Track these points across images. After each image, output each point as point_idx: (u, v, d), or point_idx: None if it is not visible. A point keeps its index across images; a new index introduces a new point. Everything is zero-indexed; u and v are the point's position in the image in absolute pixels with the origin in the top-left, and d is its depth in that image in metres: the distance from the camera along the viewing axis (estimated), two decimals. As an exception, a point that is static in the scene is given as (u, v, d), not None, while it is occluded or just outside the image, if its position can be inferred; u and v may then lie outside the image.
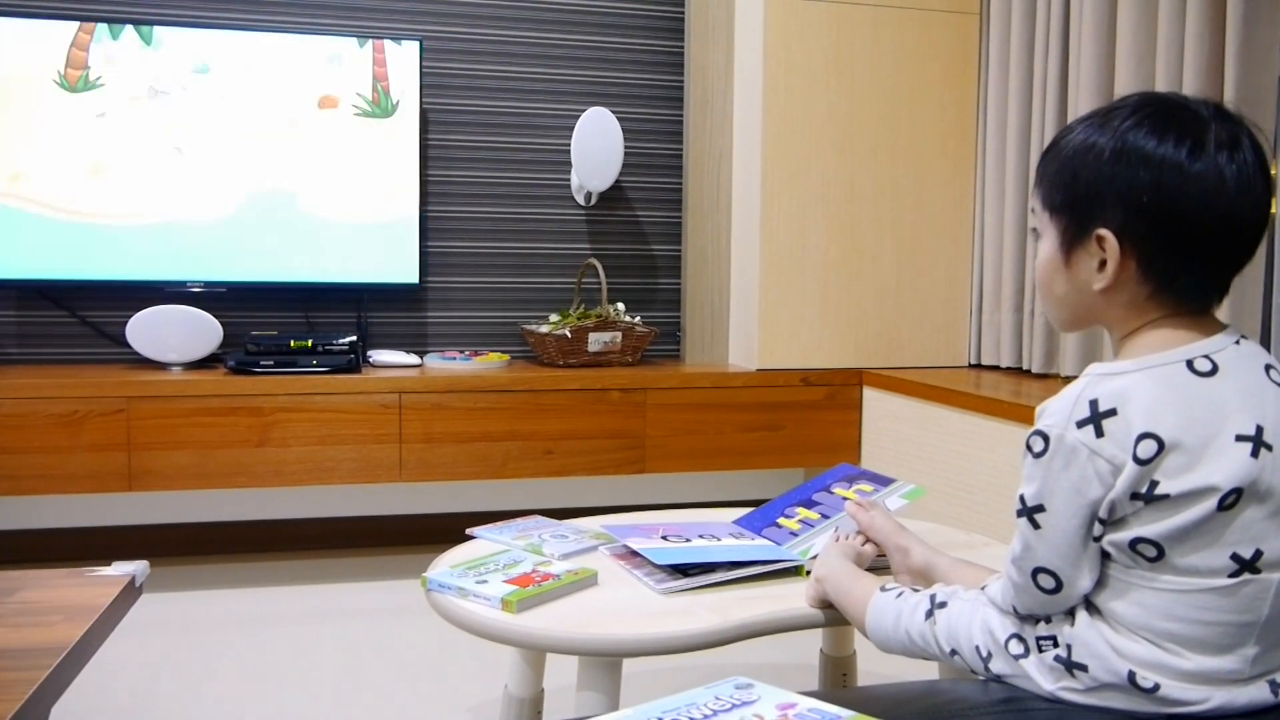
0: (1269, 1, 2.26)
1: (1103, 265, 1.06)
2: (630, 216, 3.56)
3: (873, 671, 2.11)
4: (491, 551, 1.66)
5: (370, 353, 3.18)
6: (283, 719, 2.11)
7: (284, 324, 3.26)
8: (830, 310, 3.15)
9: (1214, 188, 1.01)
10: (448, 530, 2.84)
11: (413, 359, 3.15)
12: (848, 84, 3.12)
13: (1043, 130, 2.87)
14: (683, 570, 1.53)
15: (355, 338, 3.06)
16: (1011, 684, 1.11)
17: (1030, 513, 1.05)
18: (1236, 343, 1.06)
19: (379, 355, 3.14)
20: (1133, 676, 1.02)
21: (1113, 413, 1.01)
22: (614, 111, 3.32)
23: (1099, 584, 1.05)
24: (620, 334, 3.16)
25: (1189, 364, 1.03)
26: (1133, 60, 2.52)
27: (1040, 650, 1.08)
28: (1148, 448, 0.99)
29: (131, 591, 1.22)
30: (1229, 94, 2.26)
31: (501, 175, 3.43)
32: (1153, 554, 1.01)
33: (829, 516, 1.67)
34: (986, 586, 1.18)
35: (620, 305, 3.28)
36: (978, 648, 1.14)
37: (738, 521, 1.77)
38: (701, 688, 1.00)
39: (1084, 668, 1.05)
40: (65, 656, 0.99)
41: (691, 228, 3.53)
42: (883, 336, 3.20)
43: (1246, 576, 1.00)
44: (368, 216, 3.17)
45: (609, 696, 1.40)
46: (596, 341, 3.13)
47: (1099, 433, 1.00)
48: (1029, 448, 1.05)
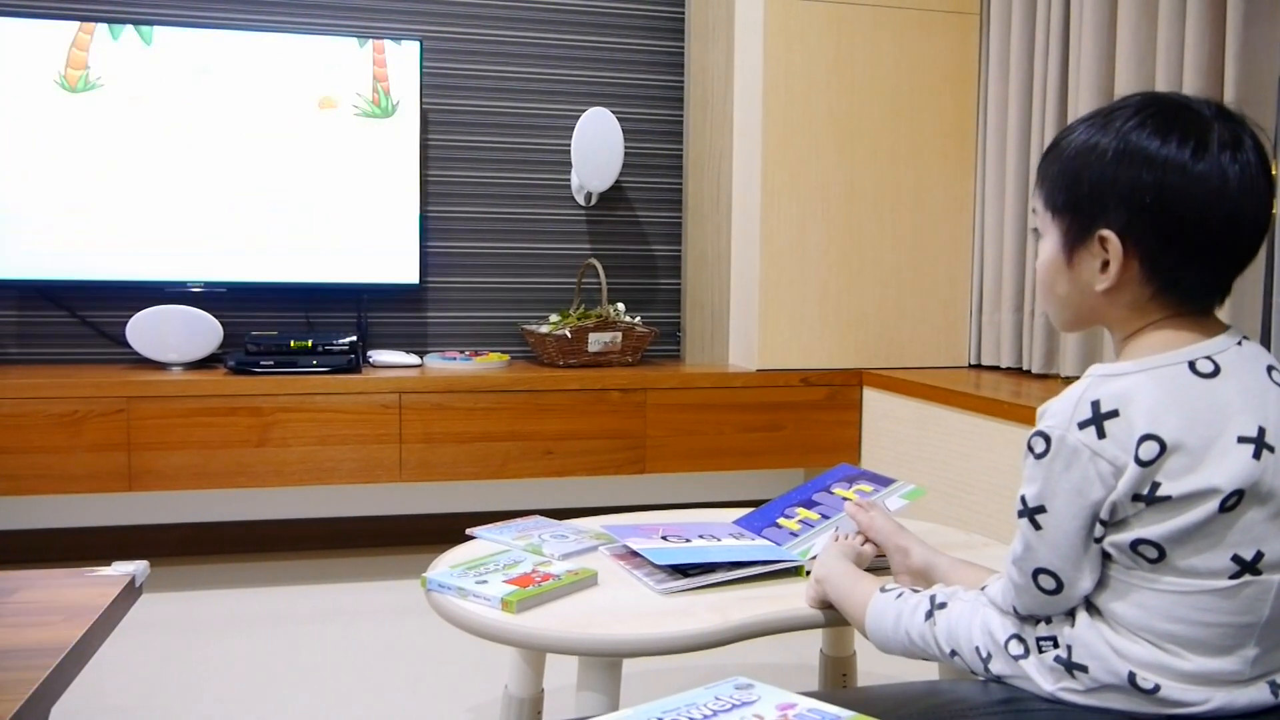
0: (1269, 1, 2.26)
1: (1105, 266, 1.06)
2: (630, 217, 3.55)
3: (873, 672, 2.11)
4: (491, 552, 1.66)
5: (370, 353, 3.18)
6: (283, 719, 2.11)
7: (284, 324, 3.26)
8: (830, 310, 3.15)
9: (1217, 188, 1.01)
10: (448, 530, 2.84)
11: (413, 359, 3.15)
12: (848, 84, 3.12)
13: (1043, 131, 2.87)
14: (683, 570, 1.53)
15: (355, 338, 3.06)
16: (1011, 685, 1.11)
17: (1031, 513, 1.05)
18: (1239, 344, 1.06)
19: (379, 355, 3.14)
20: (1133, 677, 1.02)
21: (1114, 414, 1.00)
22: (614, 112, 3.32)
23: (1099, 585, 1.05)
24: (620, 334, 3.16)
25: (1191, 365, 1.03)
26: (1133, 61, 2.52)
27: (1040, 651, 1.08)
28: (1149, 449, 0.99)
29: (131, 591, 1.22)
30: (1229, 94, 2.26)
31: (501, 175, 3.43)
32: (1154, 555, 1.01)
33: (829, 517, 1.67)
34: (986, 587, 1.18)
35: (620, 305, 3.28)
36: (977, 648, 1.14)
37: (738, 522, 1.77)
38: (701, 688, 1.00)
39: (1084, 668, 1.05)
40: (65, 656, 0.99)
41: (691, 228, 3.53)
42: (883, 337, 3.20)
43: (1247, 578, 1.00)
44: (368, 216, 3.17)
45: (609, 696, 1.40)
46: (596, 342, 3.13)
47: (1101, 434, 1.00)
48: (1030, 449, 1.05)
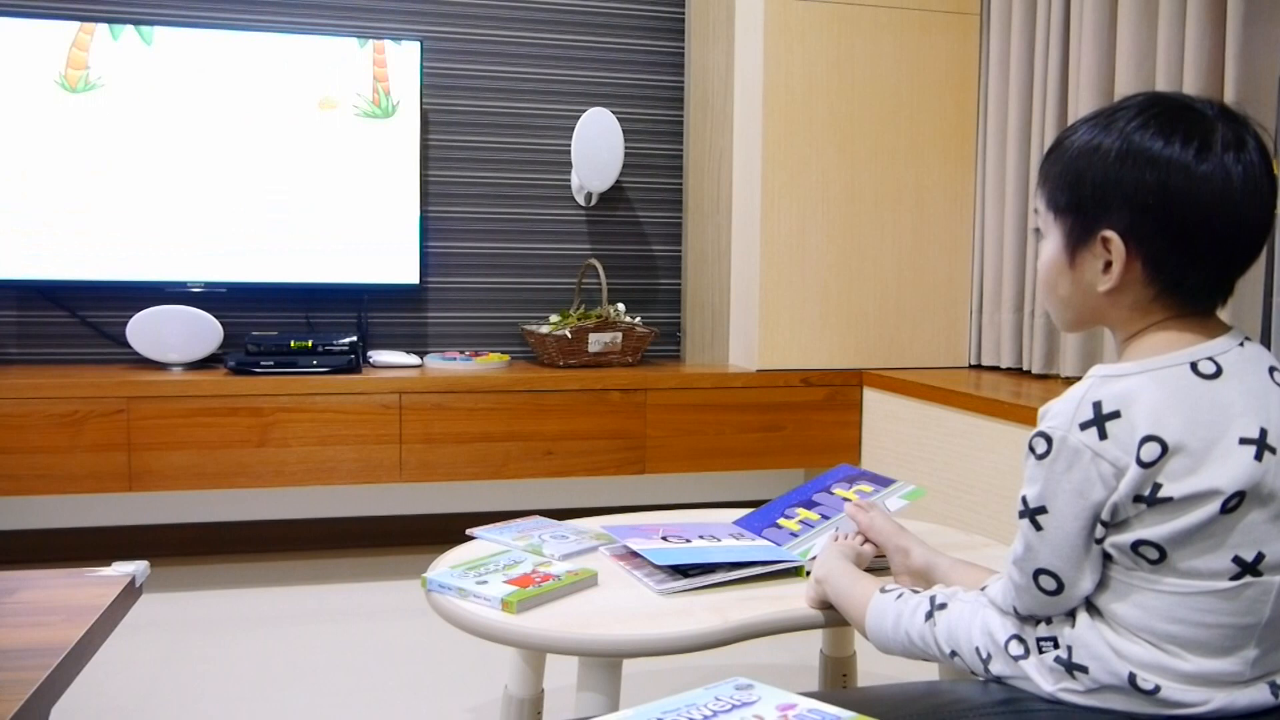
0: (1269, 1, 2.26)
1: (1108, 267, 1.05)
2: (630, 217, 3.55)
3: (873, 672, 2.11)
4: (491, 552, 1.66)
5: (370, 353, 3.18)
6: (282, 719, 2.11)
7: (284, 324, 3.26)
8: (830, 311, 3.15)
9: (1221, 189, 1.00)
10: (448, 530, 2.85)
11: (413, 359, 3.15)
12: (848, 85, 3.12)
13: (1043, 131, 2.87)
14: (683, 571, 1.53)
15: (355, 338, 3.06)
16: (1011, 685, 1.11)
17: (1032, 514, 1.05)
18: (1241, 345, 1.06)
19: (379, 356, 3.14)
20: (1133, 678, 1.02)
21: (1116, 415, 1.00)
22: (614, 112, 3.32)
23: (1100, 586, 1.05)
24: (620, 334, 3.16)
25: (1193, 366, 1.02)
26: (1133, 61, 2.52)
27: (1040, 651, 1.08)
28: (1151, 450, 0.99)
29: (131, 592, 1.22)
30: (1229, 94, 2.26)
31: (502, 176, 3.43)
32: (1154, 556, 1.01)
33: (829, 517, 1.67)
34: (986, 588, 1.18)
35: (620, 306, 3.28)
36: (977, 649, 1.14)
37: (738, 522, 1.77)
38: (701, 688, 1.00)
39: (1084, 669, 1.05)
40: (65, 657, 0.99)
41: (692, 228, 3.53)
42: (883, 337, 3.20)
43: (1248, 579, 1.00)
44: (368, 217, 3.17)
45: (609, 697, 1.40)
46: (597, 342, 3.13)
47: (1102, 435, 1.00)
48: (1032, 449, 1.05)
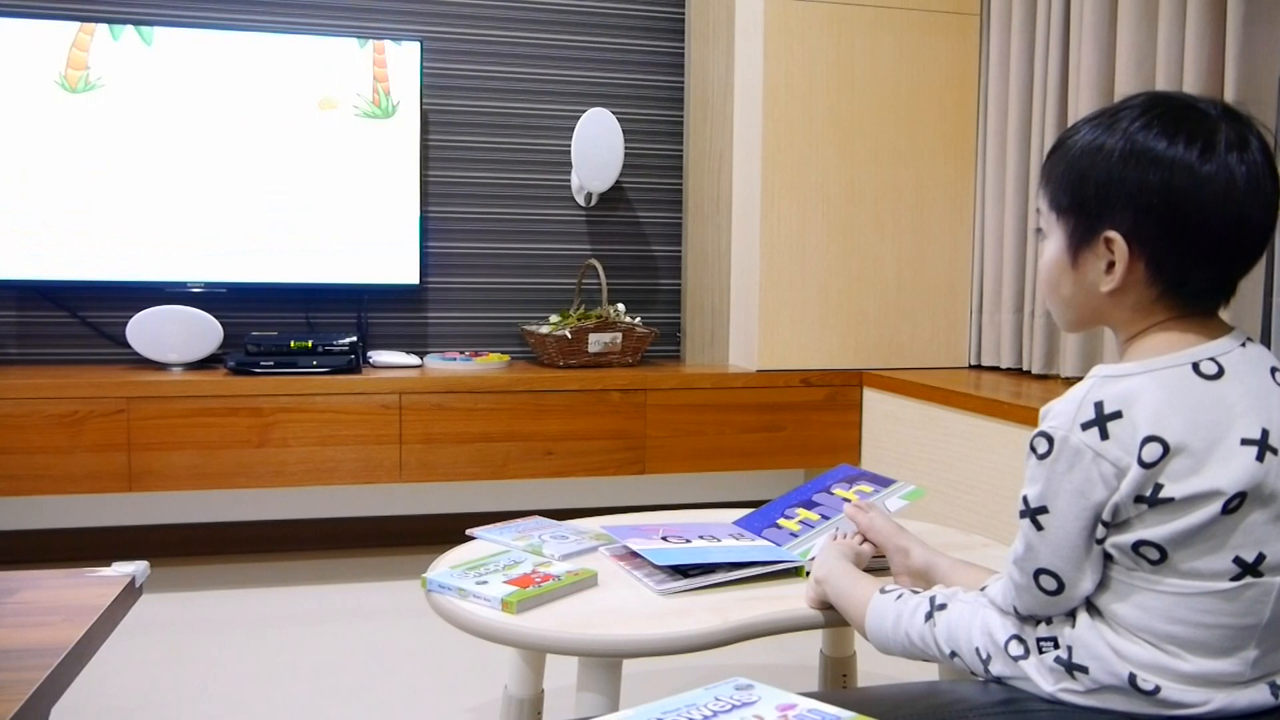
0: (1269, 1, 2.26)
1: (1110, 267, 1.05)
2: (630, 217, 3.55)
3: (873, 672, 2.11)
4: (491, 552, 1.66)
5: (370, 353, 3.18)
6: (282, 719, 2.12)
7: (284, 324, 3.26)
8: (830, 311, 3.15)
9: (1225, 190, 1.00)
10: (448, 531, 2.84)
11: (413, 360, 3.15)
12: (848, 85, 3.12)
13: (1043, 131, 2.87)
14: (682, 571, 1.53)
15: (355, 338, 3.06)
16: (1011, 685, 1.11)
17: (1033, 514, 1.05)
18: (1242, 345, 1.05)
19: (379, 356, 3.14)
20: (1133, 678, 1.02)
21: (1118, 415, 1.00)
22: (614, 112, 3.32)
23: (1100, 586, 1.05)
24: (620, 335, 3.16)
25: (1195, 367, 1.02)
26: (1133, 61, 2.52)
27: (1040, 651, 1.08)
28: (1153, 451, 0.99)
29: (131, 592, 1.22)
30: (1229, 94, 2.26)
31: (502, 176, 3.43)
32: (1155, 557, 1.01)
33: (829, 517, 1.67)
34: (986, 587, 1.18)
35: (620, 306, 3.28)
36: (977, 649, 1.14)
37: (738, 522, 1.77)
38: (701, 688, 1.00)
39: (1084, 669, 1.05)
40: (65, 657, 0.99)
41: (692, 228, 3.53)
42: (883, 337, 3.20)
43: (1249, 580, 1.00)
44: (368, 217, 3.17)
45: (609, 697, 1.40)
46: (597, 342, 3.13)
47: (1104, 435, 1.00)
48: (1033, 449, 1.05)
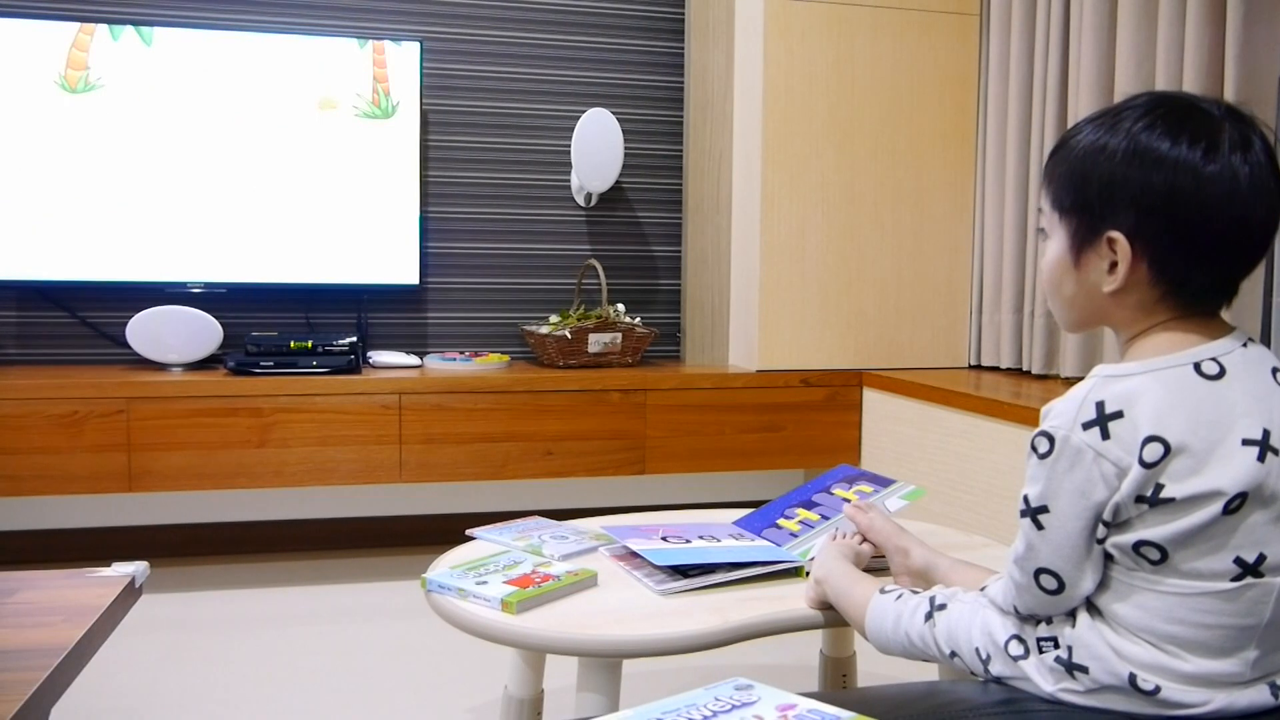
0: (1269, 1, 2.26)
1: (1113, 267, 1.05)
2: (630, 217, 3.55)
3: (873, 673, 2.11)
4: (491, 552, 1.66)
5: (370, 353, 3.17)
6: (282, 719, 2.12)
7: (284, 325, 3.26)
8: (830, 311, 3.15)
9: (1228, 190, 1.00)
10: (448, 531, 2.84)
11: (413, 360, 3.15)
12: (848, 85, 3.12)
13: (1043, 131, 2.87)
14: (682, 571, 1.53)
15: (355, 338, 3.06)
16: (1011, 685, 1.11)
17: (1034, 513, 1.05)
18: (1244, 346, 1.05)
19: (379, 356, 3.14)
20: (1133, 679, 1.02)
21: (1119, 415, 1.00)
22: (614, 112, 3.32)
23: (1101, 586, 1.05)
24: (620, 335, 3.16)
25: (1196, 367, 1.02)
26: (1133, 61, 2.52)
27: (1041, 651, 1.08)
28: (1154, 451, 0.98)
29: (131, 592, 1.22)
30: (1229, 94, 2.26)
31: (501, 176, 3.43)
32: (1156, 557, 1.00)
33: (829, 517, 1.67)
34: (986, 587, 1.18)
35: (620, 306, 3.28)
36: (977, 650, 1.14)
37: (737, 522, 1.77)
38: (701, 689, 1.00)
39: (1084, 669, 1.05)
40: (65, 657, 0.99)
41: (691, 229, 3.53)
42: (883, 337, 3.20)
43: (1249, 580, 1.00)
44: (368, 217, 3.17)
45: (609, 697, 1.40)
46: (596, 342, 3.13)
47: (1105, 435, 1.00)
48: (1034, 448, 1.05)
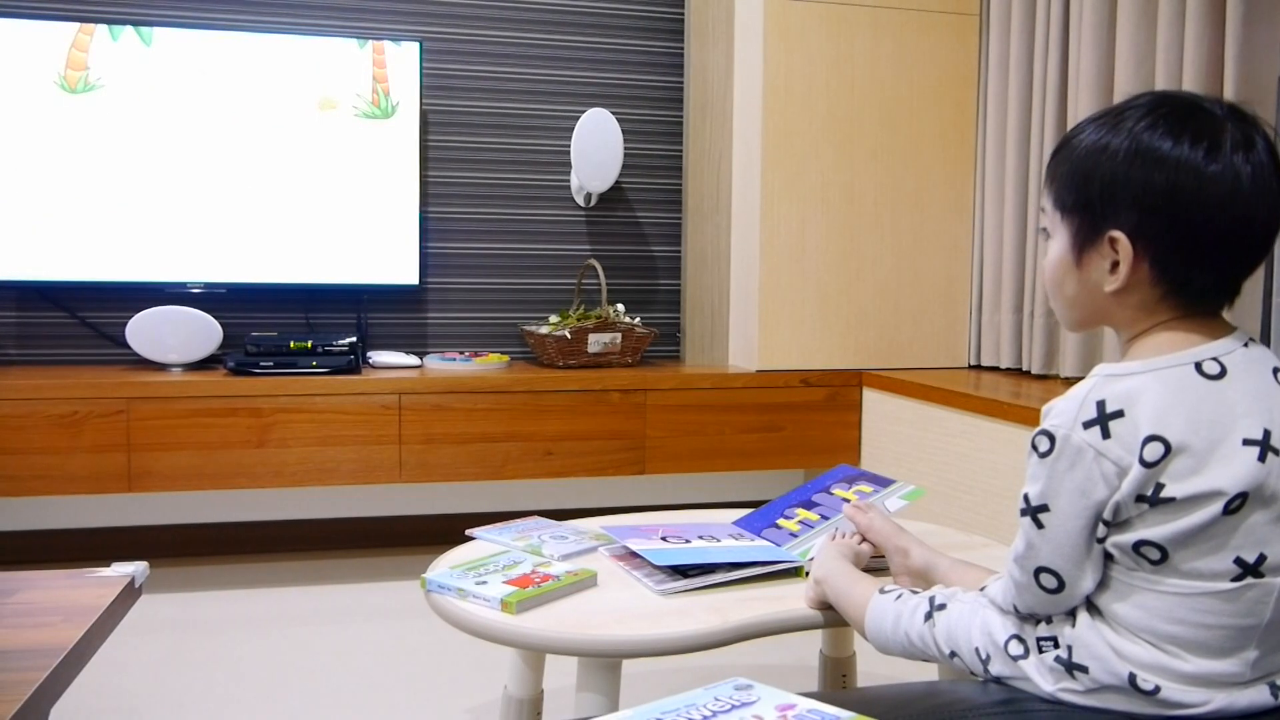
0: (1269, 1, 2.26)
1: (1115, 267, 1.05)
2: (630, 217, 3.55)
3: (872, 673, 2.11)
4: (491, 552, 1.66)
5: (370, 354, 3.17)
6: (282, 719, 2.12)
7: (284, 325, 3.26)
8: (830, 311, 3.15)
9: (1230, 190, 1.00)
10: (447, 531, 2.84)
11: (413, 360, 3.15)
12: (847, 85, 3.12)
13: (1042, 131, 2.87)
14: (682, 571, 1.53)
15: (355, 339, 3.06)
16: (1011, 685, 1.11)
17: (1034, 512, 1.05)
18: (1245, 345, 1.06)
19: (379, 356, 3.14)
20: (1133, 678, 1.02)
21: (1120, 414, 1.00)
22: (614, 113, 3.32)
23: (1101, 585, 1.05)
24: (620, 335, 3.16)
25: (1197, 366, 1.02)
26: (1132, 61, 2.52)
27: (1041, 651, 1.08)
28: (1154, 450, 0.98)
29: (131, 592, 1.22)
30: (1228, 94, 2.26)
31: (501, 176, 3.43)
32: (1156, 557, 1.00)
33: (828, 517, 1.67)
34: (986, 587, 1.18)
35: (620, 306, 3.28)
36: (977, 650, 1.14)
37: (737, 522, 1.77)
38: (701, 689, 1.00)
39: (1084, 669, 1.05)
40: (64, 657, 0.98)
41: (691, 229, 3.53)
42: (883, 338, 3.20)
43: (1249, 581, 1.00)
44: (368, 217, 3.17)
45: (608, 697, 1.40)
46: (596, 342, 3.13)
47: (1105, 434, 1.00)
48: (1034, 447, 1.05)
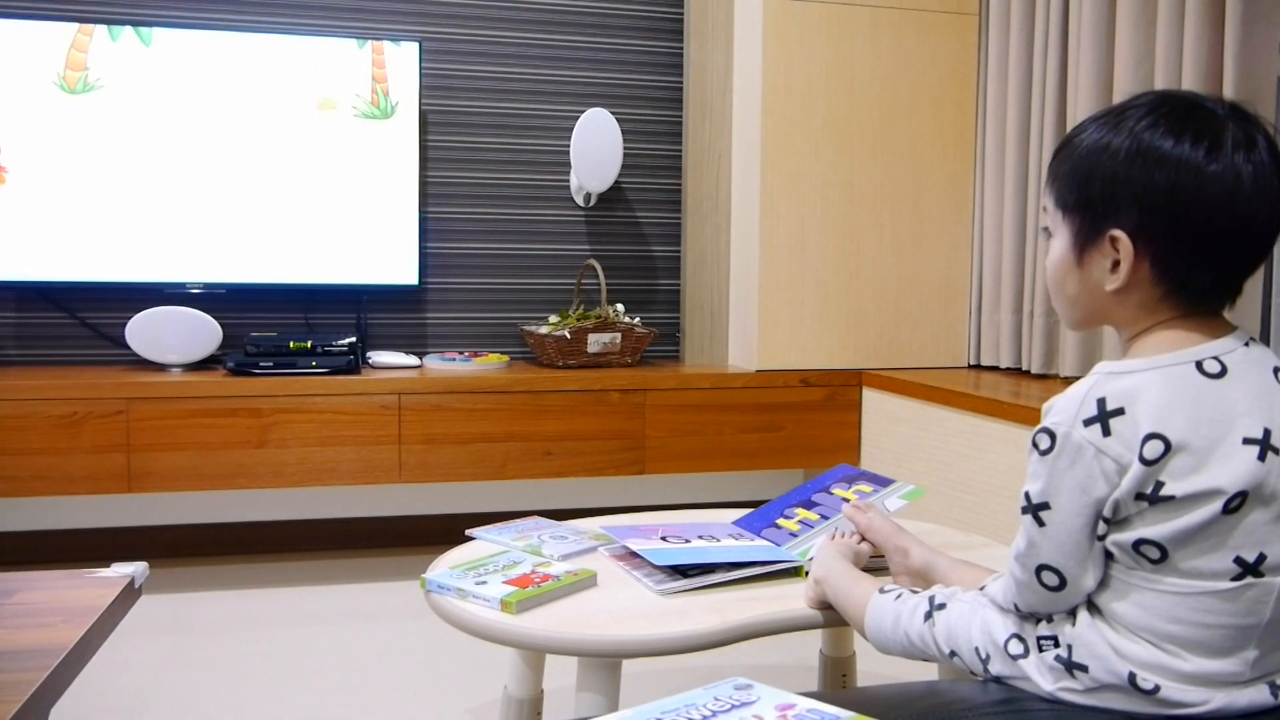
0: (1268, 1, 2.26)
1: (1116, 266, 1.05)
2: (629, 217, 3.55)
3: (872, 672, 2.11)
4: (491, 552, 1.66)
5: (370, 354, 3.17)
6: (282, 719, 2.12)
7: (283, 325, 3.26)
8: (830, 311, 3.15)
9: (1230, 189, 1.00)
10: (447, 531, 2.84)
11: (412, 360, 3.15)
12: (847, 85, 3.12)
13: (1041, 131, 2.87)
14: (682, 571, 1.53)
15: (355, 339, 3.06)
16: (1011, 685, 1.11)
17: (1035, 510, 1.05)
18: (1246, 345, 1.06)
19: (378, 356, 3.14)
20: (1133, 678, 1.02)
21: (1120, 412, 1.00)
22: (613, 112, 3.32)
23: (1101, 584, 1.05)
24: (620, 335, 3.16)
25: (1198, 365, 1.02)
26: (1132, 61, 2.52)
27: (1041, 650, 1.08)
28: (1154, 448, 0.99)
29: (131, 593, 1.22)
30: (1228, 94, 2.26)
31: (501, 176, 3.43)
32: (1156, 556, 1.00)
33: (828, 517, 1.67)
34: (986, 586, 1.18)
35: (620, 306, 3.28)
36: (977, 649, 1.14)
37: (737, 522, 1.77)
38: (701, 688, 1.00)
39: (1084, 668, 1.05)
40: (64, 658, 0.98)
41: (691, 229, 3.53)
42: (882, 337, 3.20)
43: (1249, 580, 0.99)
44: (367, 218, 3.17)
45: (608, 697, 1.40)
46: (596, 342, 3.13)
47: (1106, 431, 1.00)
48: (1035, 445, 1.05)
